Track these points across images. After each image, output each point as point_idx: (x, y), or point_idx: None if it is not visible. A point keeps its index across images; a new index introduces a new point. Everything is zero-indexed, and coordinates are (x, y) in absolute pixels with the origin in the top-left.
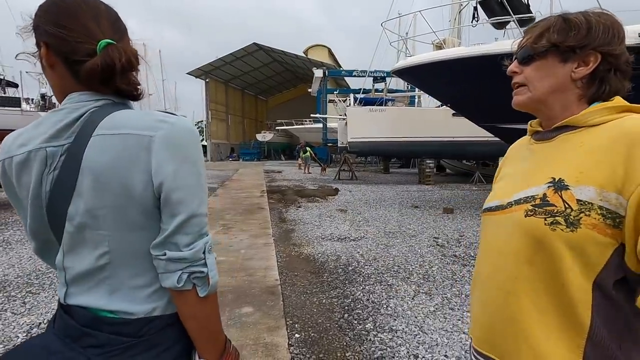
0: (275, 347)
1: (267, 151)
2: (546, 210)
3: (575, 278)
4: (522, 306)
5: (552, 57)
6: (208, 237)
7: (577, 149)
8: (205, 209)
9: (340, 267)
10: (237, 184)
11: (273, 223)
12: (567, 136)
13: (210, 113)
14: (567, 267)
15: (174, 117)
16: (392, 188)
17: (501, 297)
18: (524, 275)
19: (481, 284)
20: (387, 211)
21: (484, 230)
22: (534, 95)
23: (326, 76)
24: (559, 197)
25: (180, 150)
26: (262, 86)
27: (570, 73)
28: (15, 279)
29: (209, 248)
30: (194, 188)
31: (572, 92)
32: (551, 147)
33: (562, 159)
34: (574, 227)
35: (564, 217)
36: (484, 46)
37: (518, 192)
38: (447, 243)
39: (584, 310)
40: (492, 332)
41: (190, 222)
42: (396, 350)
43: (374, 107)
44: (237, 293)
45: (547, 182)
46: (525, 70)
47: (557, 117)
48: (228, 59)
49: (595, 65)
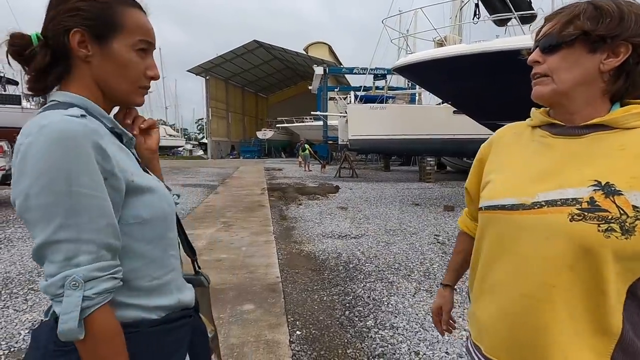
0: (276, 344)
1: (267, 149)
2: (599, 215)
3: (615, 284)
4: (557, 315)
5: (581, 46)
6: (78, 269)
7: (618, 152)
8: (74, 234)
9: (341, 264)
10: (237, 181)
11: (274, 220)
12: (601, 136)
13: (211, 111)
14: (611, 273)
15: (49, 119)
16: (392, 186)
17: (528, 305)
18: (563, 282)
19: (500, 289)
20: (388, 209)
21: (492, 230)
22: (559, 87)
23: (327, 74)
24: (611, 202)
25: (38, 162)
26: (263, 84)
27: (599, 65)
28: (17, 276)
29: (72, 284)
30: (49, 209)
31: (597, 85)
32: (580, 145)
33: (601, 161)
34: (629, 234)
35: (619, 224)
36: (485, 43)
37: (546, 191)
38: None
39: (616, 315)
40: (514, 340)
41: (45, 250)
42: (397, 348)
43: (375, 105)
44: (239, 290)
45: (590, 184)
46: (550, 59)
47: (578, 111)
48: (228, 57)
49: (625, 57)
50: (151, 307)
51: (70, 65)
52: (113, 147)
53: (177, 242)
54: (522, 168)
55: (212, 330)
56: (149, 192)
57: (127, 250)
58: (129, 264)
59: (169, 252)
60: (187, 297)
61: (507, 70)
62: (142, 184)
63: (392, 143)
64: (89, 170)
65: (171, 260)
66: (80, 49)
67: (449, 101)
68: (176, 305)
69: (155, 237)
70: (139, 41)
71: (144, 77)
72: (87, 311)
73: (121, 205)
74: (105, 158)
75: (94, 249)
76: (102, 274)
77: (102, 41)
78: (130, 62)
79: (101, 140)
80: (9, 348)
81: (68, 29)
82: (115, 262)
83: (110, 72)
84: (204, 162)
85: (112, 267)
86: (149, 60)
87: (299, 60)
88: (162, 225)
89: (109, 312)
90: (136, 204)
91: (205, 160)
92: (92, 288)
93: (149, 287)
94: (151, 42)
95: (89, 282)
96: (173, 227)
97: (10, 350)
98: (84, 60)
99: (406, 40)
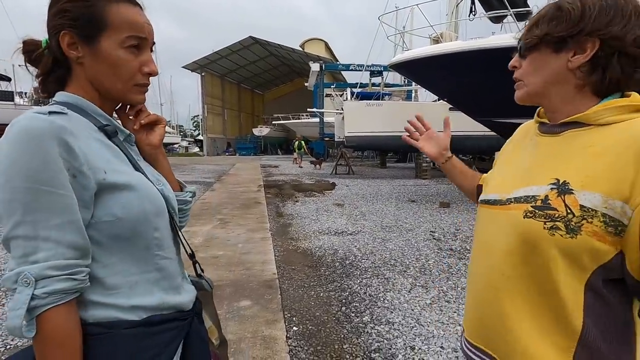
0: (273, 339)
1: (263, 146)
2: (547, 213)
3: (568, 281)
4: (515, 305)
5: (545, 48)
6: (32, 266)
7: (585, 150)
8: (30, 231)
9: (337, 260)
10: (234, 178)
11: (270, 217)
12: (576, 133)
13: (207, 107)
14: (561, 271)
15: (19, 117)
16: (389, 182)
17: (492, 294)
18: (517, 275)
19: (474, 279)
20: (384, 205)
21: (479, 222)
22: (529, 89)
23: (323, 70)
24: (561, 201)
25: (2, 159)
26: (259, 80)
27: (566, 63)
28: None
29: (23, 280)
30: (9, 205)
31: (570, 82)
32: (557, 143)
33: (568, 159)
34: (574, 233)
35: (564, 223)
36: (481, 40)
37: (518, 188)
38: (443, 237)
39: (576, 312)
40: (484, 326)
41: (7, 245)
42: (393, 342)
43: (371, 102)
44: (235, 287)
45: (550, 182)
46: (523, 64)
47: (558, 109)
48: (224, 53)
49: (593, 52)
50: (128, 306)
51: (70, 67)
52: (89, 144)
53: (169, 243)
54: (513, 165)
55: (217, 337)
56: (127, 189)
57: (101, 247)
58: (104, 260)
59: (152, 252)
60: (179, 299)
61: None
62: (117, 181)
63: (389, 140)
64: (50, 168)
65: (155, 260)
66: (71, 51)
67: (445, 98)
68: (159, 306)
69: (132, 236)
70: (127, 37)
71: (139, 74)
72: (36, 310)
73: (92, 203)
74: (71, 155)
75: (52, 247)
76: (56, 273)
77: (91, 42)
78: (120, 59)
79: (69, 137)
80: (4, 345)
81: (58, 31)
82: (79, 261)
83: (102, 72)
84: (199, 159)
85: (71, 267)
86: (144, 56)
87: (295, 56)
88: (141, 224)
89: (65, 313)
90: (109, 202)
91: (201, 157)
92: (44, 287)
93: (125, 285)
94: (143, 37)
95: (41, 280)
96: (161, 226)
97: (7, 348)
98: (77, 62)
99: (402, 37)
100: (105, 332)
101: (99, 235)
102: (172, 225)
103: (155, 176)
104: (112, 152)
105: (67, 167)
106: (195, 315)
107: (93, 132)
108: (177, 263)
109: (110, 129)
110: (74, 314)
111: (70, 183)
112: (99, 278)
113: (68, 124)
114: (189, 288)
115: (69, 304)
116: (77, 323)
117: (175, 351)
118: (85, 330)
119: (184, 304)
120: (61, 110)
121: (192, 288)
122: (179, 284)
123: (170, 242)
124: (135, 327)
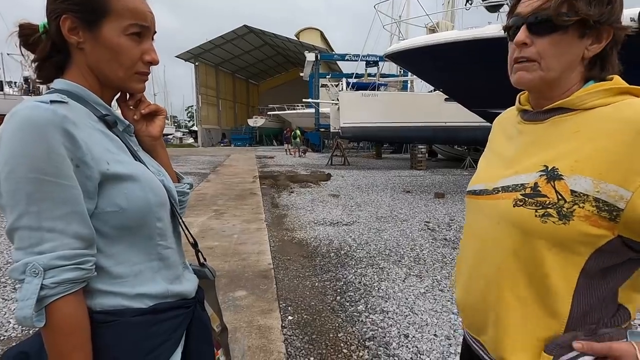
0: (268, 329)
1: (258, 136)
2: (537, 201)
3: (561, 269)
4: (503, 296)
5: (573, 30)
6: (40, 257)
7: (571, 135)
8: (34, 222)
9: (332, 251)
10: (229, 169)
11: (265, 208)
12: (560, 119)
13: (201, 98)
14: (553, 258)
15: (20, 107)
16: (384, 173)
17: (482, 285)
18: (507, 266)
19: (465, 270)
20: (379, 196)
21: (468, 213)
22: (546, 74)
23: (318, 60)
24: (551, 187)
25: (5, 149)
26: (254, 70)
27: (584, 51)
28: (4, 265)
29: (32, 271)
30: (13, 195)
31: (577, 71)
32: (542, 130)
33: (555, 145)
34: (567, 219)
35: (556, 209)
36: (477, 30)
37: (505, 177)
38: (437, 227)
39: (564, 300)
40: (476, 317)
41: (11, 235)
42: (387, 331)
43: (367, 92)
44: (231, 277)
45: (538, 170)
46: (539, 42)
47: (556, 97)
48: (218, 42)
49: (607, 42)
50: (133, 295)
51: (69, 53)
52: (91, 134)
53: (170, 232)
54: (498, 155)
55: (218, 324)
56: (130, 180)
57: (105, 237)
58: (108, 250)
59: (156, 241)
60: (183, 287)
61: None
62: (120, 172)
63: (384, 130)
64: (54, 158)
65: (158, 250)
66: (72, 36)
67: (440, 88)
68: (164, 294)
69: (136, 226)
70: (130, 25)
71: (140, 63)
72: (46, 300)
73: (96, 193)
74: (74, 144)
75: (57, 237)
76: (64, 263)
77: (93, 27)
78: (121, 47)
79: (71, 126)
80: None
81: (59, 15)
82: (85, 251)
83: (102, 58)
84: (194, 150)
85: (78, 257)
86: (146, 44)
87: (290, 46)
88: (145, 214)
89: (74, 303)
90: (113, 193)
91: (196, 148)
92: (53, 277)
93: (130, 274)
94: (146, 26)
95: (50, 270)
96: (163, 217)
97: (0, 340)
98: (77, 48)
99: (398, 26)
100: (113, 319)
101: (103, 225)
102: (172, 215)
103: (155, 167)
104: (114, 143)
105: (70, 157)
106: (197, 303)
107: (94, 122)
108: (177, 252)
109: (110, 119)
110: (82, 303)
111: (74, 173)
112: (104, 267)
113: (70, 114)
114: (190, 277)
115: (76, 294)
116: (85, 312)
117: (181, 338)
118: (92, 318)
119: (188, 292)
120: (62, 100)
121: (193, 277)
122: (180, 272)
123: (171, 232)
124: (142, 314)
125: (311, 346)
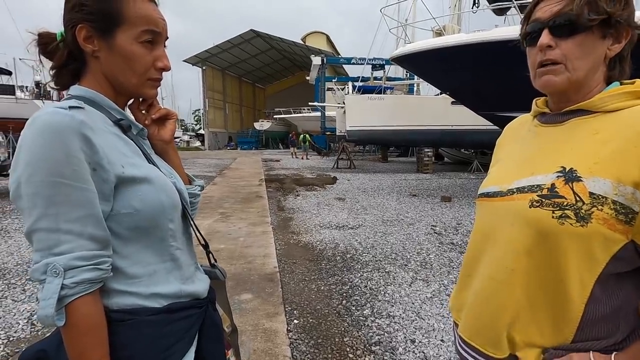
0: (274, 332)
1: (265, 140)
2: (555, 202)
3: (577, 273)
4: (515, 298)
5: (597, 31)
6: (59, 257)
7: (591, 137)
8: (52, 224)
9: (338, 254)
10: (235, 172)
11: (271, 211)
12: (580, 121)
13: (208, 101)
14: (570, 262)
15: (40, 112)
16: (390, 177)
17: (493, 287)
18: (521, 267)
19: (475, 272)
20: (385, 199)
21: (479, 216)
22: (573, 76)
23: (324, 64)
24: (569, 188)
25: (24, 154)
26: (260, 74)
27: (605, 51)
28: (14, 267)
29: (53, 271)
30: (32, 198)
31: (600, 72)
32: (560, 132)
33: (574, 147)
34: (585, 221)
35: (574, 211)
36: (484, 33)
37: (520, 178)
38: (444, 231)
39: (578, 305)
40: (477, 320)
41: (30, 237)
42: (393, 336)
43: (373, 95)
44: (237, 280)
45: (556, 171)
46: (564, 44)
47: (579, 99)
48: (225, 46)
49: (626, 42)
50: (148, 294)
51: (85, 61)
52: (107, 139)
53: (182, 234)
54: (512, 158)
55: (229, 325)
56: (145, 182)
57: (120, 239)
58: (123, 251)
59: (168, 242)
60: (195, 288)
61: (506, 60)
62: (135, 175)
63: (390, 134)
64: (72, 162)
65: (170, 250)
66: (87, 45)
67: (447, 92)
68: (178, 294)
69: (150, 227)
70: (143, 32)
71: (153, 69)
72: (66, 299)
73: (112, 196)
74: (92, 149)
75: (74, 239)
76: (83, 264)
77: (107, 36)
78: (135, 55)
79: (89, 131)
80: (7, 338)
81: (75, 25)
82: (102, 252)
83: (117, 66)
84: (201, 153)
85: (96, 257)
86: (158, 51)
87: (297, 50)
88: (158, 216)
89: (92, 303)
90: (128, 195)
91: (203, 152)
92: (73, 277)
93: (144, 274)
94: (158, 32)
95: (69, 270)
96: (175, 218)
97: (10, 340)
98: (92, 56)
99: (405, 29)
100: (129, 318)
101: (118, 227)
102: (184, 217)
103: (167, 169)
104: (128, 146)
105: (87, 160)
106: (209, 303)
107: (109, 126)
108: (188, 253)
109: (124, 123)
110: (99, 303)
111: (90, 176)
112: (120, 268)
113: (87, 119)
114: (202, 277)
115: (94, 294)
116: (102, 311)
117: (194, 337)
118: (110, 317)
119: (200, 293)
120: (80, 105)
121: (205, 277)
122: (192, 273)
123: (181, 233)
124: (157, 314)
125: (317, 350)
